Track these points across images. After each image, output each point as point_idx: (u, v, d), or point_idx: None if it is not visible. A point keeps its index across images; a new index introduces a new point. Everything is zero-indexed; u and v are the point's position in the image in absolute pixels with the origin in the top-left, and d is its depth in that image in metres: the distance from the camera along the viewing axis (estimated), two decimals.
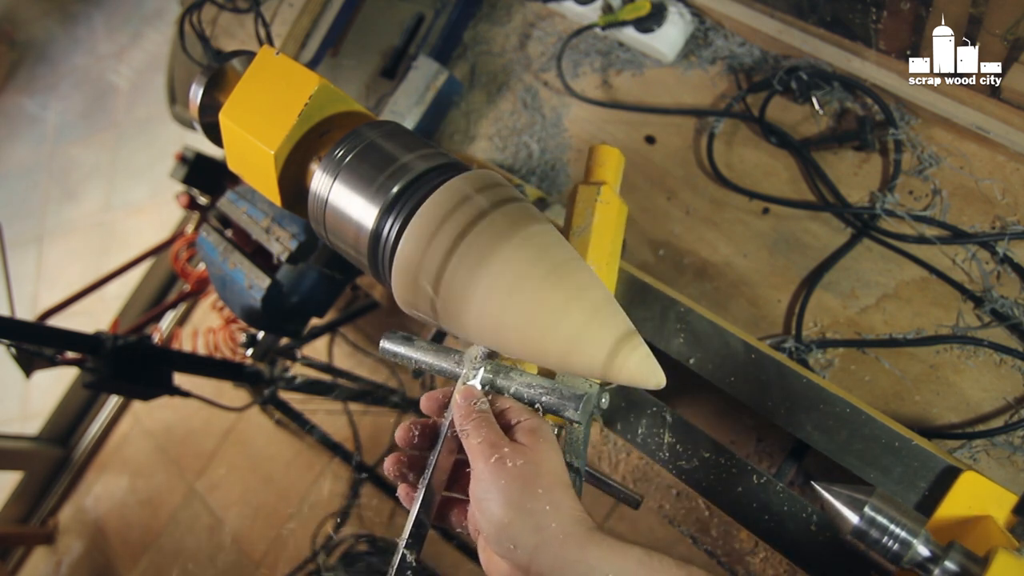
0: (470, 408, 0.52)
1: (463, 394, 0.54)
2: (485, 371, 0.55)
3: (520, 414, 0.52)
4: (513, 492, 0.46)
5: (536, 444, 0.49)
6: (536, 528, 0.45)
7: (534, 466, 0.47)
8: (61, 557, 2.60)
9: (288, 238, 1.02)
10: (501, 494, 0.47)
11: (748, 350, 0.69)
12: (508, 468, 0.47)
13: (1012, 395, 0.74)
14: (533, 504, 0.46)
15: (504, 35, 1.17)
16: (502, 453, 0.48)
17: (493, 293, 0.51)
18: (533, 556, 0.45)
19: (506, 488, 0.47)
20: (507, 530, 0.46)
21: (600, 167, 0.74)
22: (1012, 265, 0.77)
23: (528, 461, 0.48)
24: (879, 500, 0.51)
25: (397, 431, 0.56)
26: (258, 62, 0.66)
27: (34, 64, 3.80)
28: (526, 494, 0.46)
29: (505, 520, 0.46)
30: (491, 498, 0.47)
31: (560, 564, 0.44)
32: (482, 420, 0.51)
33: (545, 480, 0.47)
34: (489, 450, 0.49)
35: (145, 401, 1.46)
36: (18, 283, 1.45)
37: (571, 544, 0.44)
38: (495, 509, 0.46)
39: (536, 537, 0.45)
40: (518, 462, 0.48)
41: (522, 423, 0.51)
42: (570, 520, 0.46)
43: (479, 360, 0.56)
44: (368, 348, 2.25)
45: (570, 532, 0.45)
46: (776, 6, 0.88)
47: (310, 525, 2.13)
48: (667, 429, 0.73)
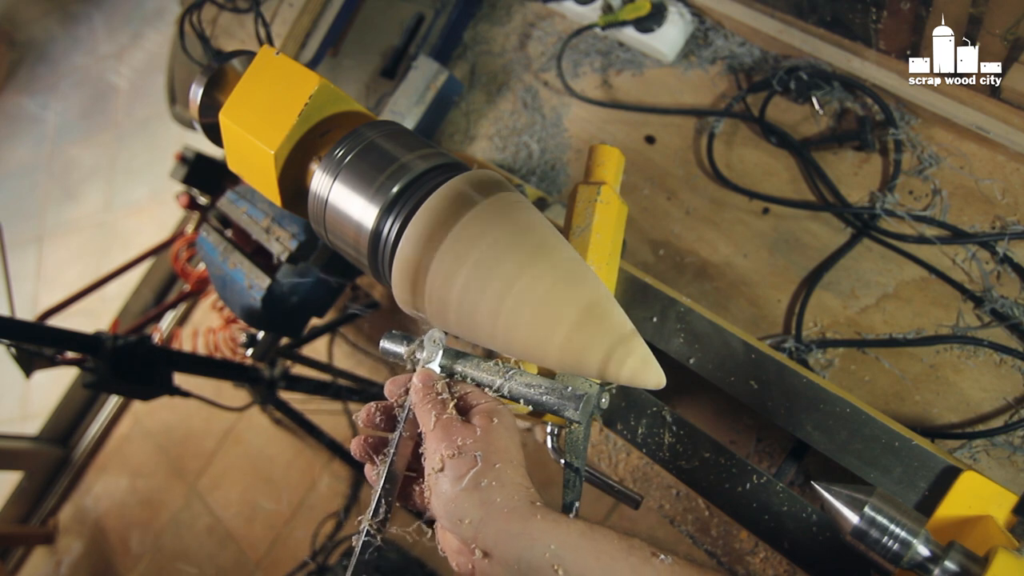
0: (427, 389, 0.54)
1: (421, 377, 0.56)
2: (443, 357, 0.57)
3: (479, 398, 0.54)
4: (461, 468, 0.48)
5: (488, 425, 0.51)
6: (481, 503, 0.47)
7: (484, 444, 0.49)
8: (61, 557, 2.60)
9: (288, 238, 1.02)
10: (450, 471, 0.48)
11: (748, 350, 0.69)
12: (458, 446, 0.49)
13: (1012, 395, 0.74)
14: (480, 480, 0.47)
15: (504, 35, 1.17)
16: (454, 431, 0.50)
17: (492, 292, 0.51)
18: (479, 529, 0.46)
19: (455, 465, 0.48)
20: (454, 505, 0.47)
21: (600, 167, 0.74)
22: (1012, 265, 0.77)
23: (478, 440, 0.49)
24: (879, 500, 0.51)
25: (360, 413, 0.58)
26: (258, 62, 0.66)
27: (34, 64, 3.80)
28: (475, 472, 0.48)
29: (453, 495, 0.47)
30: (441, 475, 0.48)
31: (504, 537, 0.45)
32: (437, 401, 0.53)
33: (494, 458, 0.49)
34: (441, 429, 0.51)
35: (145, 401, 1.46)
36: (18, 283, 1.45)
37: (515, 517, 0.46)
38: (444, 485, 0.48)
39: (481, 511, 0.46)
40: (468, 440, 0.49)
41: (479, 406, 0.53)
42: (515, 496, 0.47)
43: (438, 343, 0.57)
44: (368, 348, 2.25)
45: (515, 507, 0.47)
46: (776, 6, 0.88)
47: (310, 525, 2.13)
48: (667, 429, 0.73)
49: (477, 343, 0.55)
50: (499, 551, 0.45)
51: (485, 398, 0.54)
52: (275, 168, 0.63)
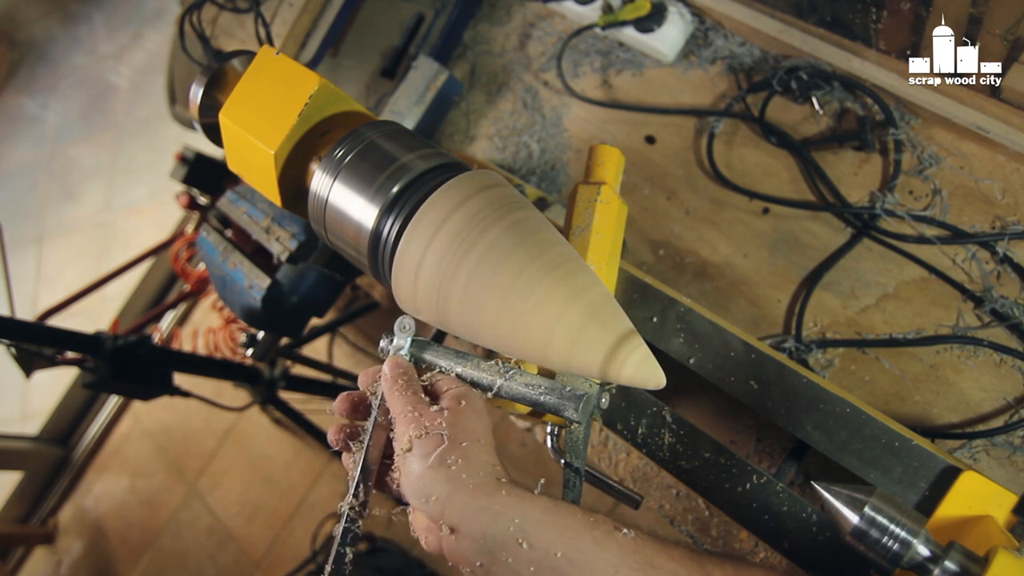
0: (396, 375, 0.55)
1: (390, 364, 0.57)
2: (411, 346, 0.59)
3: (448, 384, 0.55)
4: (428, 447, 0.50)
5: (456, 407, 0.52)
6: (447, 479, 0.48)
7: (452, 426, 0.51)
8: (61, 557, 2.61)
9: (288, 238, 1.02)
10: (417, 450, 0.50)
11: (748, 350, 0.69)
12: (425, 427, 0.50)
13: (1012, 395, 0.74)
14: (445, 458, 0.49)
15: (504, 35, 1.17)
16: (421, 413, 0.51)
17: (492, 292, 0.51)
18: (444, 506, 0.47)
19: (422, 445, 0.50)
20: (421, 483, 0.48)
21: (600, 167, 0.74)
22: (1012, 265, 0.77)
23: (447, 422, 0.50)
24: (879, 500, 0.51)
25: (336, 403, 0.59)
26: (258, 62, 0.66)
27: (34, 64, 3.80)
28: (441, 451, 0.49)
29: (420, 473, 0.48)
30: (409, 455, 0.50)
31: (470, 512, 0.46)
32: (405, 386, 0.54)
33: (461, 437, 0.50)
34: (410, 412, 0.52)
35: (145, 401, 1.46)
36: (18, 283, 1.45)
37: (480, 493, 0.47)
38: (413, 465, 0.49)
39: (448, 487, 0.47)
40: (435, 422, 0.51)
41: (449, 391, 0.54)
42: (481, 472, 0.48)
43: (407, 330, 0.59)
44: (368, 348, 2.25)
45: (480, 483, 0.47)
46: (776, 6, 0.88)
47: (310, 525, 2.13)
48: (667, 429, 0.73)
49: (477, 343, 0.55)
50: (465, 526, 0.46)
51: (454, 383, 0.55)
52: (275, 168, 0.63)
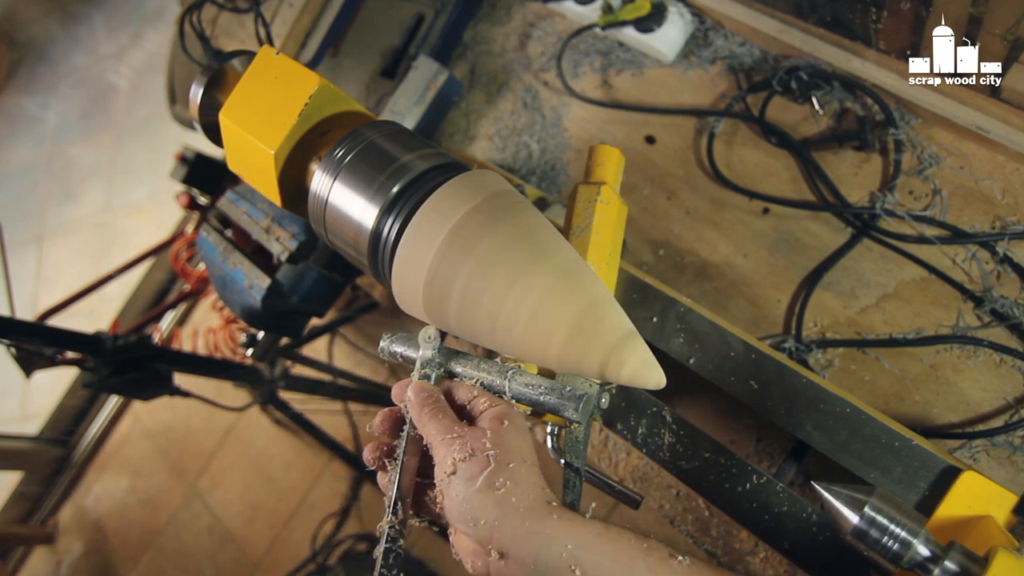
0: (423, 400, 0.54)
1: (414, 390, 0.55)
2: (440, 355, 0.57)
3: (488, 403, 0.53)
4: (474, 470, 0.48)
5: (500, 428, 0.50)
6: (496, 503, 0.46)
7: (496, 447, 0.49)
8: (61, 557, 2.60)
9: (288, 238, 1.02)
10: (462, 473, 0.48)
11: (748, 350, 0.69)
12: (470, 449, 0.49)
13: (1012, 395, 0.74)
14: (493, 480, 0.47)
15: (504, 35, 1.17)
16: (461, 435, 0.50)
17: (493, 293, 0.51)
18: (494, 529, 0.46)
19: (467, 467, 0.48)
20: (468, 506, 0.47)
21: (600, 167, 0.74)
22: (1012, 265, 0.77)
23: (491, 443, 0.49)
24: (879, 500, 0.51)
25: (376, 421, 0.57)
26: (258, 62, 0.66)
27: (34, 64, 3.80)
28: (488, 473, 0.47)
29: (466, 496, 0.47)
30: (454, 478, 0.48)
31: (520, 536, 0.45)
32: (436, 409, 0.53)
33: (507, 458, 0.48)
34: (447, 435, 0.50)
35: (145, 401, 1.46)
36: (18, 283, 1.45)
37: (531, 517, 0.46)
38: (457, 487, 0.48)
39: (497, 511, 0.46)
40: (480, 443, 0.49)
41: (489, 410, 0.53)
42: (531, 495, 0.47)
43: (432, 340, 0.57)
44: (368, 348, 2.25)
45: (530, 506, 0.46)
46: (776, 6, 0.88)
47: (310, 525, 2.13)
48: (667, 429, 0.73)
49: (477, 343, 0.55)
50: (515, 551, 0.45)
51: (493, 401, 0.53)
52: (275, 168, 0.63)
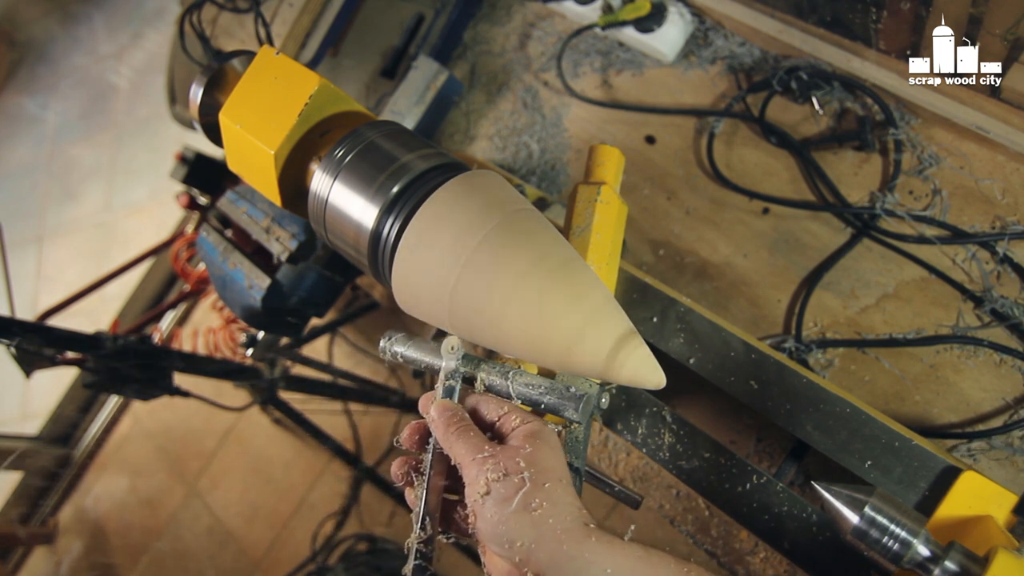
0: (447, 420, 0.52)
1: (437, 410, 0.53)
2: (465, 365, 0.55)
3: (518, 419, 0.52)
4: (508, 490, 0.46)
5: (533, 445, 0.49)
6: (533, 524, 0.45)
7: (530, 466, 0.47)
8: (61, 557, 2.60)
9: (288, 238, 1.02)
10: (496, 493, 0.47)
11: (748, 350, 0.69)
12: (501, 468, 0.47)
13: (1012, 395, 0.74)
14: (529, 500, 0.46)
15: (504, 35, 1.17)
16: (492, 454, 0.48)
17: (493, 293, 0.51)
18: (531, 552, 0.45)
19: (501, 488, 0.47)
20: (504, 527, 0.46)
21: (600, 167, 0.74)
22: (1012, 265, 0.77)
23: (524, 461, 0.48)
24: (879, 500, 0.51)
25: (403, 433, 0.56)
26: (258, 62, 0.66)
27: (34, 64, 3.80)
28: (524, 493, 0.46)
29: (502, 518, 0.46)
30: (486, 499, 0.47)
31: (558, 559, 0.44)
32: (462, 429, 0.51)
33: (542, 477, 0.47)
34: (477, 454, 0.49)
35: (145, 401, 1.46)
36: (18, 283, 1.45)
37: (569, 540, 0.44)
38: (491, 508, 0.46)
39: (533, 533, 0.45)
40: (514, 462, 0.48)
41: (521, 427, 0.51)
42: (568, 516, 0.46)
43: (456, 351, 0.55)
44: (368, 348, 2.25)
45: (568, 528, 0.45)
46: (776, 6, 0.88)
47: (310, 525, 2.13)
48: (667, 429, 0.73)
49: (477, 343, 0.55)
50: (552, 574, 0.44)
51: (525, 417, 0.52)
52: (275, 168, 0.63)
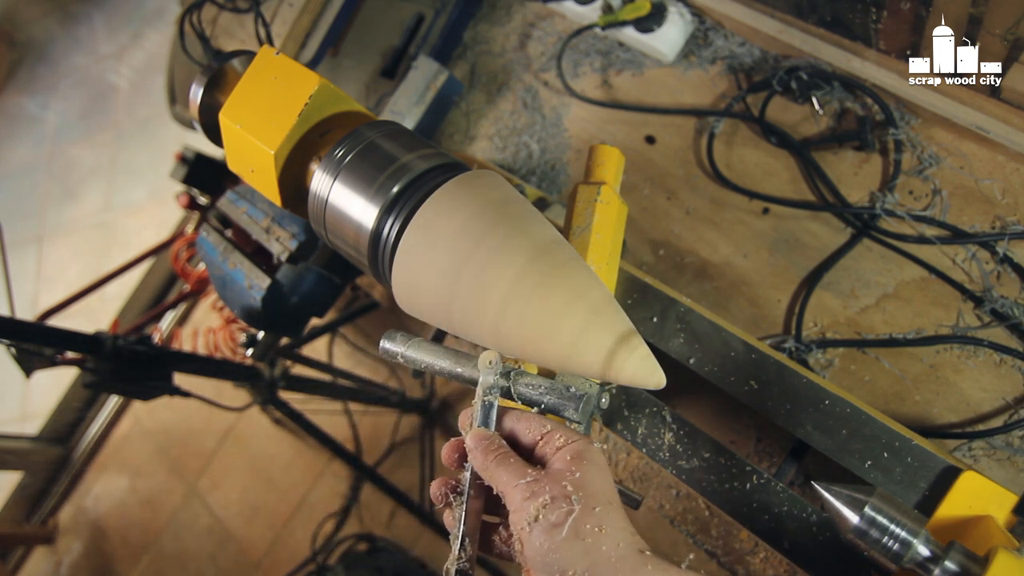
0: (486, 449, 0.51)
1: (474, 440, 0.51)
2: (502, 378, 0.53)
3: (563, 438, 0.50)
4: (558, 516, 0.45)
5: (580, 467, 0.47)
6: (586, 552, 0.43)
7: (578, 490, 0.46)
8: (61, 557, 2.60)
9: (288, 238, 1.02)
10: (545, 520, 0.45)
11: (748, 350, 0.69)
12: (547, 493, 0.46)
13: (1012, 395, 0.74)
14: (580, 528, 0.44)
15: (504, 35, 1.17)
16: (537, 479, 0.47)
17: (493, 293, 0.51)
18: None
19: (550, 515, 0.45)
20: (555, 556, 0.44)
21: (600, 167, 0.74)
22: (1012, 265, 0.77)
23: (572, 485, 0.46)
24: (879, 500, 0.51)
25: (443, 453, 0.54)
26: (258, 62, 0.66)
27: (34, 64, 3.80)
28: (574, 520, 0.44)
29: (552, 546, 0.44)
30: (534, 526, 0.45)
31: None
32: (501, 457, 0.50)
33: (592, 501, 0.45)
34: (520, 480, 0.47)
35: (145, 401, 1.46)
36: (18, 283, 1.45)
37: (624, 568, 0.43)
38: (539, 537, 0.44)
39: (586, 560, 0.43)
40: (558, 486, 0.46)
41: (566, 447, 0.49)
42: (621, 543, 0.44)
43: (494, 365, 0.53)
44: (368, 348, 2.25)
45: (623, 555, 0.43)
46: (776, 6, 0.88)
47: (310, 525, 2.14)
48: (667, 429, 0.73)
49: (477, 343, 0.55)
50: None
51: (569, 436, 0.50)
52: (275, 168, 0.63)
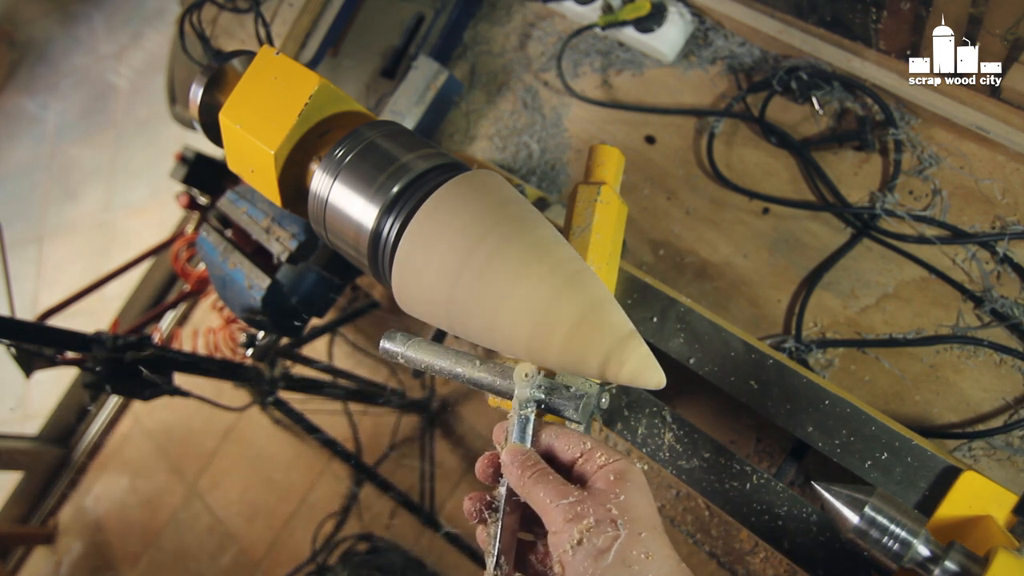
0: (523, 465, 0.49)
1: (510, 456, 0.50)
2: (536, 391, 0.52)
3: (604, 456, 0.49)
4: (603, 541, 0.43)
5: (624, 489, 0.46)
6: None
7: (623, 513, 0.45)
8: (61, 557, 2.60)
9: (288, 238, 1.02)
10: (589, 544, 0.43)
11: (748, 350, 0.69)
12: (589, 515, 0.45)
13: (1012, 395, 0.74)
14: (626, 554, 0.43)
15: (504, 35, 1.17)
16: (580, 500, 0.46)
17: (493, 293, 0.51)
18: None
19: (595, 540, 0.43)
20: None
21: (600, 167, 0.74)
22: (1012, 265, 0.77)
23: (616, 508, 0.45)
24: (879, 500, 0.51)
25: (477, 468, 0.53)
26: (258, 62, 0.66)
27: (34, 64, 3.80)
28: (620, 546, 0.43)
29: (595, 572, 0.43)
30: (577, 550, 0.44)
31: None
32: (539, 473, 0.48)
33: (637, 526, 0.44)
34: (561, 500, 0.46)
35: (145, 401, 1.46)
36: (18, 283, 1.45)
37: None
38: (583, 562, 0.43)
39: None
40: (602, 509, 0.45)
41: (607, 466, 0.48)
42: (665, 570, 0.43)
43: (531, 378, 0.52)
44: (368, 348, 2.25)
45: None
46: (776, 6, 0.88)
47: (310, 525, 2.13)
48: (667, 429, 0.73)
49: (477, 343, 0.55)
50: None
51: (610, 455, 0.49)
52: (275, 168, 0.63)
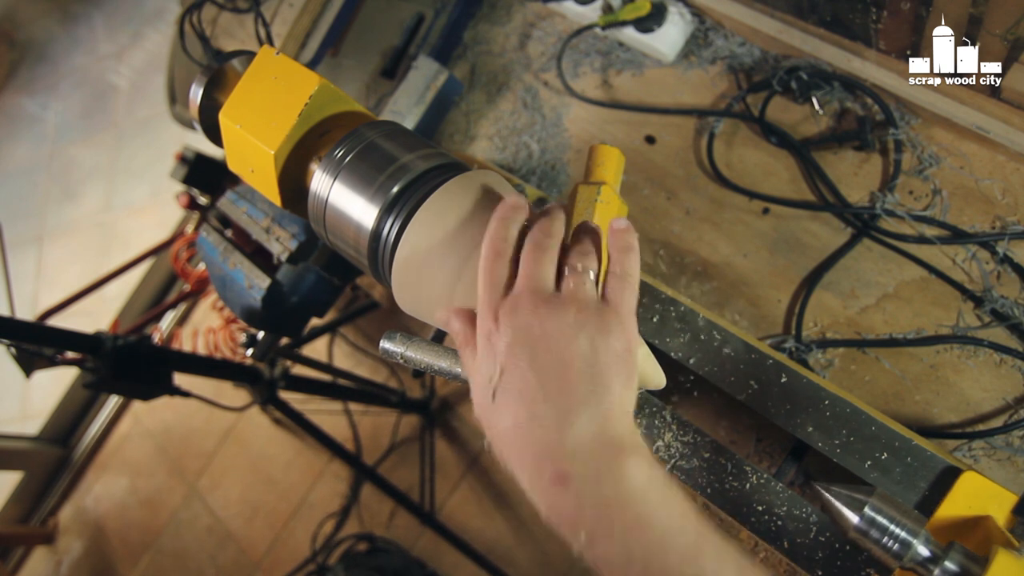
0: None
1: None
2: None
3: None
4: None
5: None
6: None
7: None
8: (61, 557, 2.61)
9: (288, 238, 1.02)
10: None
11: (748, 350, 0.69)
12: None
13: (1012, 395, 0.74)
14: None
15: (504, 35, 1.17)
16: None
17: None
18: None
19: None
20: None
21: (600, 167, 0.74)
22: (1012, 265, 0.77)
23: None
24: (879, 500, 0.51)
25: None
26: (258, 62, 0.66)
27: (34, 64, 3.80)
28: None
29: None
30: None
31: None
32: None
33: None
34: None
35: (145, 401, 1.46)
36: (18, 283, 1.45)
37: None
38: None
39: None
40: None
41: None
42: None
43: None
44: (368, 348, 2.25)
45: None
46: (776, 6, 0.88)
47: (310, 525, 2.14)
48: (667, 429, 0.73)
49: None
50: None
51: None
52: (275, 168, 0.63)
